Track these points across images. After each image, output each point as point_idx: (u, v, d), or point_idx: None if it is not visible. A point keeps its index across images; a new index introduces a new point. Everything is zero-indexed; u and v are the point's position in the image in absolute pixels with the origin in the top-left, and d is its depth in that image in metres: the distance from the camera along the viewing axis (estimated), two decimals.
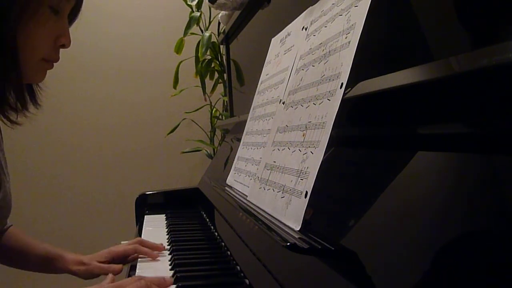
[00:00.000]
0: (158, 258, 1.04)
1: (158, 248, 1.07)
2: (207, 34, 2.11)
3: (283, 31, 1.04)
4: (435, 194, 0.45)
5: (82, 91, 2.61)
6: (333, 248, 0.52)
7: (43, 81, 0.89)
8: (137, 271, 0.97)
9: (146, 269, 0.99)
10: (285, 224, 0.64)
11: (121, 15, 2.63)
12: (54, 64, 0.88)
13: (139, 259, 1.06)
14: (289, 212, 0.65)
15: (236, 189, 1.03)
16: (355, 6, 0.64)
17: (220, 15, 1.78)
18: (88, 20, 2.88)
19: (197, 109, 2.47)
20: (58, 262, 1.09)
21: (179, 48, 2.25)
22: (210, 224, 1.33)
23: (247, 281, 0.79)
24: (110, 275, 0.88)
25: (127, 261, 1.07)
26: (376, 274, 0.46)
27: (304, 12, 0.89)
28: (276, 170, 0.76)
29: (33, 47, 0.81)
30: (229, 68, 1.89)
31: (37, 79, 0.88)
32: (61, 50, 0.87)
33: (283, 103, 0.86)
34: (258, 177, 0.84)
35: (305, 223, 0.61)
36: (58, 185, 2.58)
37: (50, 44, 0.83)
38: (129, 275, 0.95)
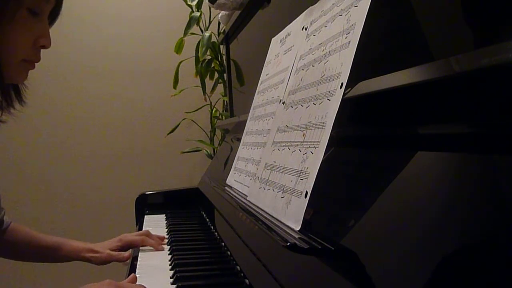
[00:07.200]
0: (163, 247, 1.16)
1: (162, 240, 1.20)
2: (207, 34, 2.11)
3: (283, 31, 1.04)
4: (435, 194, 0.45)
5: (82, 91, 2.61)
6: (333, 248, 0.52)
7: (28, 79, 0.89)
8: (137, 271, 0.97)
9: (146, 268, 0.99)
10: (285, 224, 0.64)
11: (121, 16, 2.63)
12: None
13: (139, 260, 1.06)
14: (289, 212, 0.65)
15: (236, 189, 1.03)
16: (355, 6, 0.64)
17: (220, 15, 1.78)
18: (88, 21, 2.88)
19: (197, 109, 2.47)
20: (68, 250, 1.17)
21: (179, 48, 2.25)
22: (210, 224, 1.33)
23: (247, 281, 0.79)
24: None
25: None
26: (376, 274, 0.46)
27: (304, 12, 0.89)
28: (276, 170, 0.76)
29: (13, 49, 0.81)
30: (229, 68, 1.89)
31: (19, 80, 0.88)
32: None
33: (283, 103, 0.86)
34: (258, 177, 0.84)
35: (305, 223, 0.61)
36: (59, 185, 2.58)
37: (29, 45, 0.83)
38: (129, 275, 0.95)
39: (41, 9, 0.83)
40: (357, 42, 0.60)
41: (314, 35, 0.79)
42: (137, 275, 0.90)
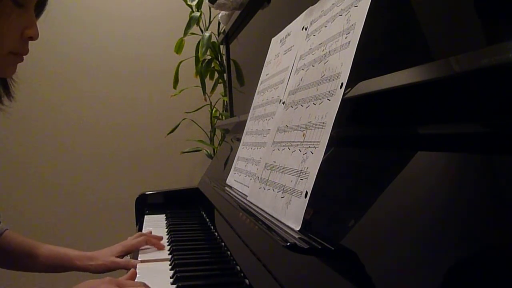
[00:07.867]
0: (163, 245, 1.16)
1: (160, 240, 1.19)
2: (207, 34, 2.11)
3: (283, 31, 1.04)
4: (435, 194, 0.45)
5: (83, 91, 2.61)
6: (333, 248, 0.52)
7: (16, 73, 0.87)
8: (137, 271, 0.97)
9: (146, 268, 0.99)
10: (285, 224, 0.64)
11: (121, 15, 2.63)
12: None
13: (139, 261, 1.06)
14: (289, 212, 0.65)
15: (236, 189, 1.03)
16: (355, 6, 0.64)
17: (220, 15, 1.78)
18: (88, 20, 2.88)
19: (197, 109, 2.47)
20: (65, 260, 1.12)
21: (179, 48, 2.25)
22: (210, 224, 1.33)
23: (247, 281, 0.79)
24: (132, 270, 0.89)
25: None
26: (376, 274, 0.46)
27: (304, 12, 0.89)
28: (276, 170, 0.75)
29: None
30: (229, 68, 1.89)
31: (7, 73, 0.86)
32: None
33: (283, 103, 0.86)
34: (258, 177, 0.84)
35: (305, 223, 0.61)
36: (59, 185, 2.58)
37: (16, 37, 0.81)
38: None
39: (26, 0, 0.81)
40: (357, 42, 0.60)
41: (314, 35, 0.79)
42: (137, 275, 0.90)
